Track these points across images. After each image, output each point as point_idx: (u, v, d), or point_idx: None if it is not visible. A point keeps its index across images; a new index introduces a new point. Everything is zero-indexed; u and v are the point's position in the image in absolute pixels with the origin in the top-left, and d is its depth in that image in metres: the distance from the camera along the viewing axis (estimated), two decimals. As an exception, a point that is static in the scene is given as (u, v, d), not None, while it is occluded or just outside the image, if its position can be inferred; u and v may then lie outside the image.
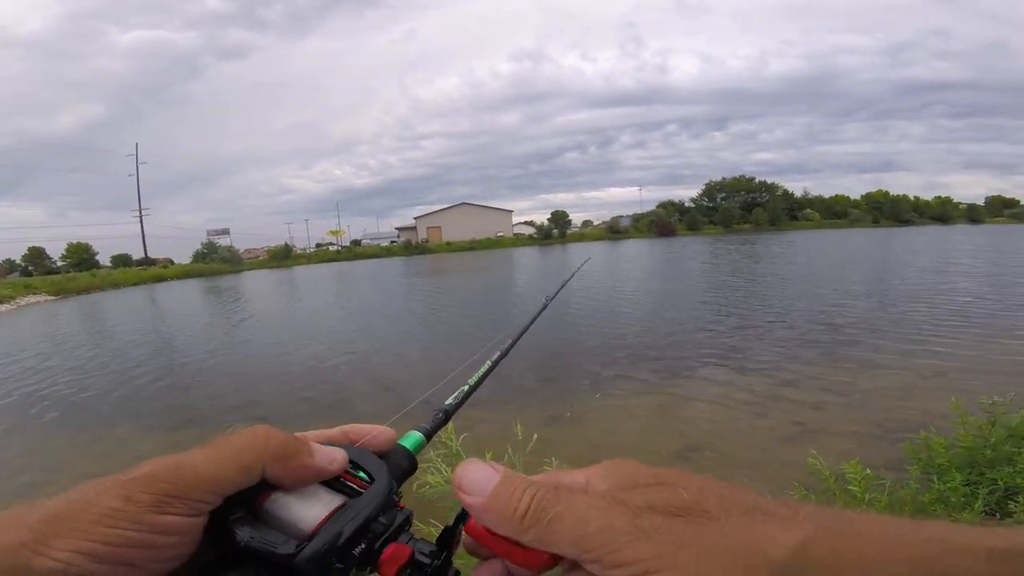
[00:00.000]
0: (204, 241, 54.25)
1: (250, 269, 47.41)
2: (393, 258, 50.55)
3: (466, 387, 0.54)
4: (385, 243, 68.25)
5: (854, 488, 1.89)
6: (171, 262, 55.54)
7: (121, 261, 60.06)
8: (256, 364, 8.98)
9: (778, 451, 4.18)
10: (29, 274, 53.55)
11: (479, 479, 0.30)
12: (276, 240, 65.01)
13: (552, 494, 0.28)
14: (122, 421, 6.28)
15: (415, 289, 20.19)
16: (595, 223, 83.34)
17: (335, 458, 0.35)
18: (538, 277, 22.07)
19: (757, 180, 75.02)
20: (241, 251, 56.33)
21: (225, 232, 59.24)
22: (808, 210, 71.87)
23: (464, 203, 72.20)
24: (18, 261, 61.11)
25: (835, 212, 72.26)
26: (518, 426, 2.11)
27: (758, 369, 6.52)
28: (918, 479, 2.08)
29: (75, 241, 60.62)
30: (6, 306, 23.95)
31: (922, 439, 2.25)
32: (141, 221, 55.49)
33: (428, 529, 1.68)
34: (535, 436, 2.05)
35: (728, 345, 7.79)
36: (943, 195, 78.58)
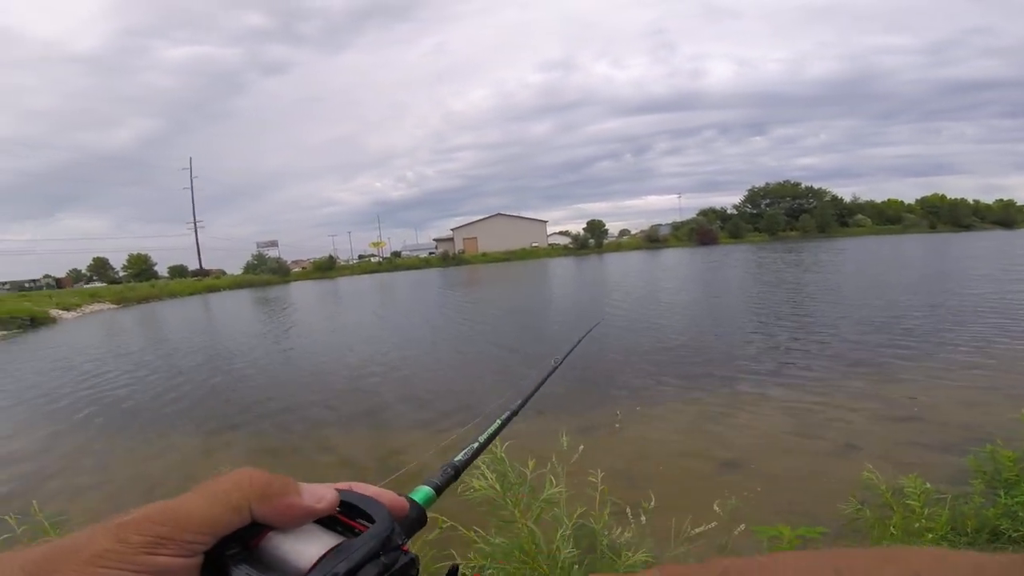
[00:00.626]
0: (254, 253, 57.00)
1: (297, 280, 49.29)
2: (431, 269, 51.46)
3: (476, 444, 0.55)
4: (423, 254, 69.58)
5: (913, 502, 1.80)
6: (223, 273, 58.55)
7: (177, 272, 63.61)
8: (295, 372, 9.33)
9: (827, 466, 3.99)
10: (92, 282, 57.55)
11: None
12: (321, 252, 67.60)
13: None
14: (171, 425, 6.62)
15: (450, 301, 20.46)
16: (632, 232, 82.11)
17: (324, 496, 0.35)
18: (573, 290, 21.97)
19: (803, 186, 72.34)
20: (289, 262, 58.72)
21: (274, 244, 61.92)
22: (859, 216, 68.53)
23: (499, 214, 72.87)
24: (84, 271, 65.79)
25: (888, 217, 68.57)
26: (564, 437, 2.09)
27: (805, 382, 6.25)
28: (982, 493, 1.95)
29: (135, 252, 64.93)
30: (73, 313, 25.75)
31: (987, 452, 2.11)
32: (196, 233, 58.81)
33: (469, 534, 1.71)
34: (581, 447, 2.05)
35: (774, 357, 7.51)
36: (1005, 198, 73.29)
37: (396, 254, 76.54)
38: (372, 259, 70.33)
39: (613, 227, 79.84)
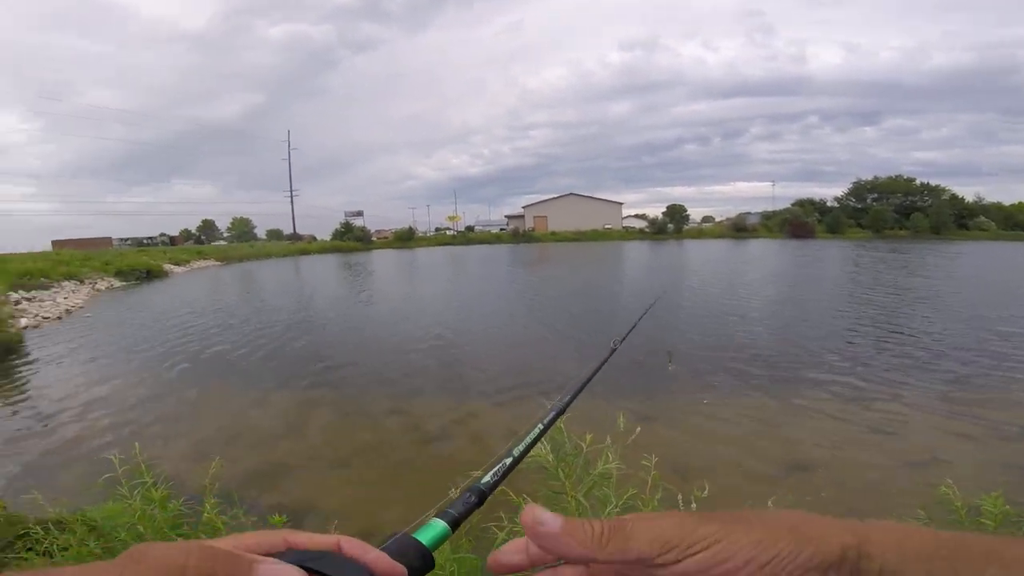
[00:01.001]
0: (342, 221, 60.81)
1: (379, 248, 51.86)
2: (501, 245, 52.10)
3: (509, 459, 0.47)
4: (495, 230, 70.42)
5: (987, 522, 1.67)
6: (314, 238, 62.98)
7: (274, 235, 69.36)
8: (370, 335, 10.03)
9: (902, 477, 3.71)
10: (201, 242, 64.13)
11: (548, 516, 0.35)
12: (401, 223, 70.42)
13: (618, 520, 0.35)
14: (256, 379, 7.34)
15: (519, 277, 20.68)
16: (717, 219, 77.43)
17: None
18: (644, 274, 21.35)
19: (918, 182, 64.12)
20: (372, 231, 61.95)
21: (360, 214, 65.46)
22: (981, 218, 59.72)
23: (572, 193, 71.71)
24: (193, 231, 73.43)
25: (1016, 222, 59.09)
26: (621, 418, 2.10)
27: (893, 390, 5.74)
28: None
29: (238, 216, 71.57)
30: (182, 268, 28.83)
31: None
32: (292, 201, 64.29)
33: (518, 500, 1.80)
34: (638, 429, 2.06)
35: (863, 362, 6.93)
36: None
37: (470, 228, 78.10)
38: (447, 232, 72.32)
39: (695, 213, 75.85)
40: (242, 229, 68.87)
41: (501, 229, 71.23)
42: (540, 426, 0.53)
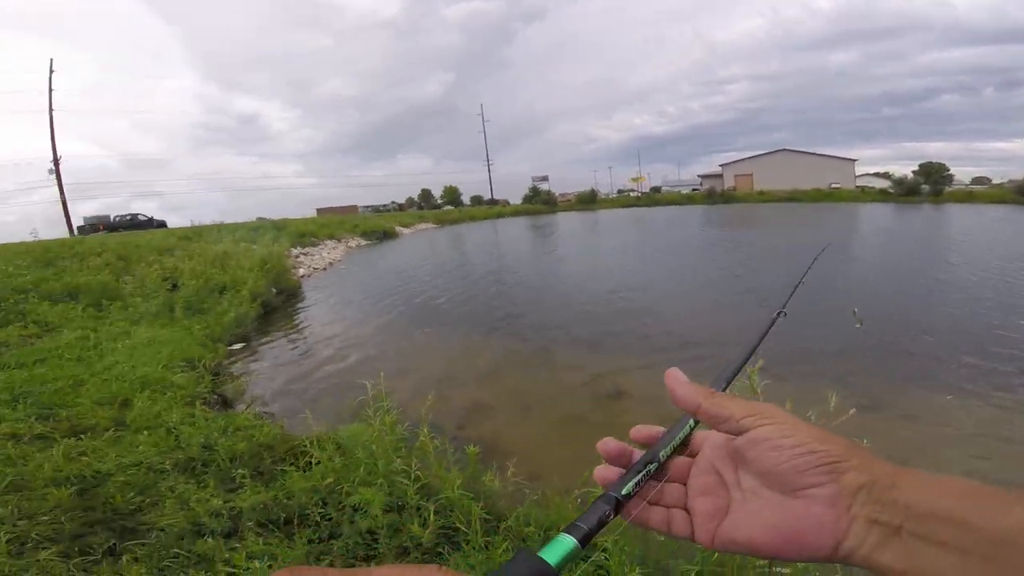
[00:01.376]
0: (529, 186, 64.28)
1: (563, 211, 53.23)
2: (693, 206, 48.03)
3: (654, 464, 0.43)
4: (686, 190, 65.39)
5: None
6: (508, 202, 67.86)
7: (476, 200, 76.49)
8: (551, 290, 10.49)
9: None
10: (421, 208, 74.28)
11: (681, 374, 0.44)
12: (583, 185, 70.90)
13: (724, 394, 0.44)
14: (461, 327, 8.20)
15: (713, 240, 18.85)
16: (994, 180, 57.74)
17: None
18: (882, 240, 17.26)
19: None
20: (557, 195, 63.90)
21: (545, 179, 68.19)
22: None
23: (783, 149, 61.61)
24: (415, 198, 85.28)
25: None
26: (833, 397, 1.84)
27: None
28: None
29: (448, 184, 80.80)
30: (408, 230, 33.98)
31: None
32: (488, 170, 71.35)
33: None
34: (852, 411, 1.75)
35: None
36: None
37: (656, 189, 73.95)
38: (631, 194, 69.89)
39: (961, 173, 57.65)
40: (452, 196, 77.66)
41: (693, 189, 65.66)
42: (692, 422, 0.46)
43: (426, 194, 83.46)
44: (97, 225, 30.93)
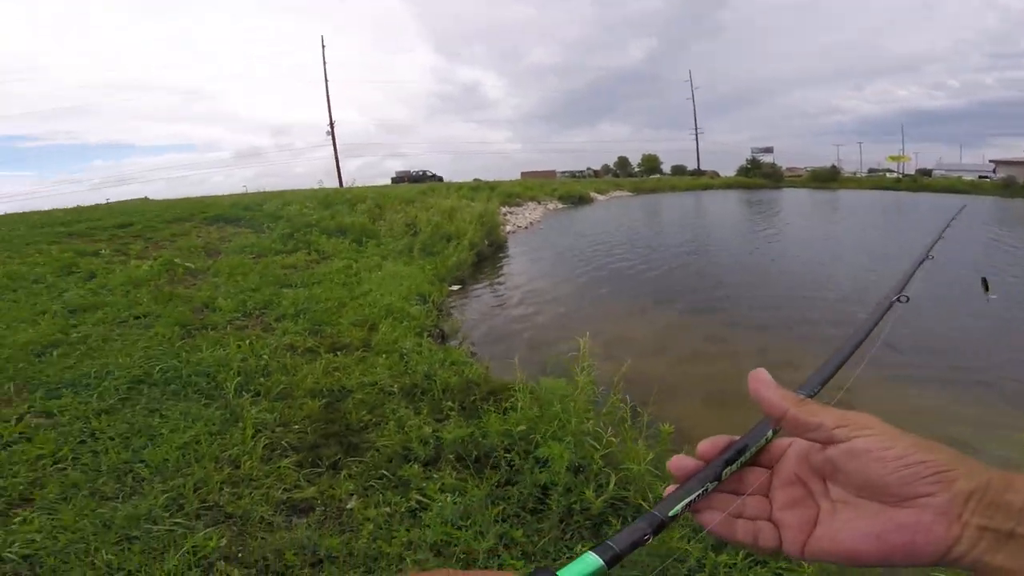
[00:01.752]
0: (748, 158, 56.96)
1: (790, 187, 46.28)
2: (981, 196, 36.36)
3: (713, 484, 0.40)
4: (969, 176, 49.91)
5: None
6: (716, 174, 61.75)
7: (678, 170, 71.63)
8: (757, 272, 9.32)
9: None
10: (617, 175, 72.58)
11: (768, 376, 0.42)
12: (821, 161, 59.91)
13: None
14: (649, 296, 7.87)
15: (1010, 247, 14.02)
16: None
17: None
18: None
19: None
20: (783, 169, 55.58)
21: (768, 150, 59.61)
22: None
23: None
24: (611, 166, 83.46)
25: None
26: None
27: None
28: None
29: (647, 152, 77.12)
30: (603, 196, 33.69)
31: None
32: (696, 139, 66.04)
33: None
34: None
35: None
36: None
37: (925, 172, 57.96)
38: (887, 174, 56.38)
39: None
40: (650, 164, 74.15)
41: (981, 176, 49.67)
42: (770, 432, 0.43)
43: (623, 161, 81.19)
44: (403, 177, 41.77)
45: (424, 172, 42.99)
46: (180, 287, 5.84)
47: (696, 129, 66.60)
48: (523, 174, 60.72)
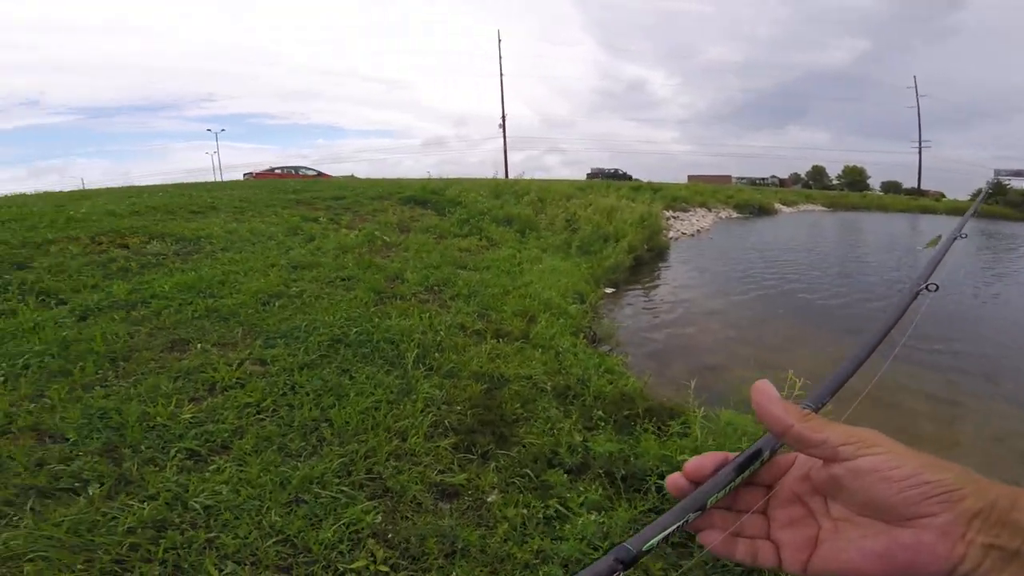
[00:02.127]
0: (990, 180, 45.14)
1: (1049, 220, 35.52)
2: None
3: (697, 514, 0.39)
4: None
5: None
6: (942, 195, 50.30)
7: (891, 187, 59.95)
8: (1002, 330, 7.25)
9: None
10: (808, 187, 63.31)
11: (772, 388, 0.40)
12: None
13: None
14: (843, 332, 6.67)
15: None
16: None
17: None
18: None
19: None
20: (1040, 197, 42.75)
21: (1019, 174, 46.43)
22: None
23: None
24: (802, 175, 73.00)
25: None
26: None
27: None
28: None
29: (851, 164, 65.75)
30: (790, 208, 29.73)
31: None
32: (920, 152, 54.68)
33: None
34: None
35: None
36: None
37: None
38: None
39: None
40: (853, 177, 63.36)
41: None
42: (767, 452, 0.41)
43: (818, 171, 71.04)
44: (597, 174, 45.50)
45: (616, 171, 47.43)
46: (378, 257, 6.61)
47: (920, 142, 54.81)
48: (690, 177, 57.25)
